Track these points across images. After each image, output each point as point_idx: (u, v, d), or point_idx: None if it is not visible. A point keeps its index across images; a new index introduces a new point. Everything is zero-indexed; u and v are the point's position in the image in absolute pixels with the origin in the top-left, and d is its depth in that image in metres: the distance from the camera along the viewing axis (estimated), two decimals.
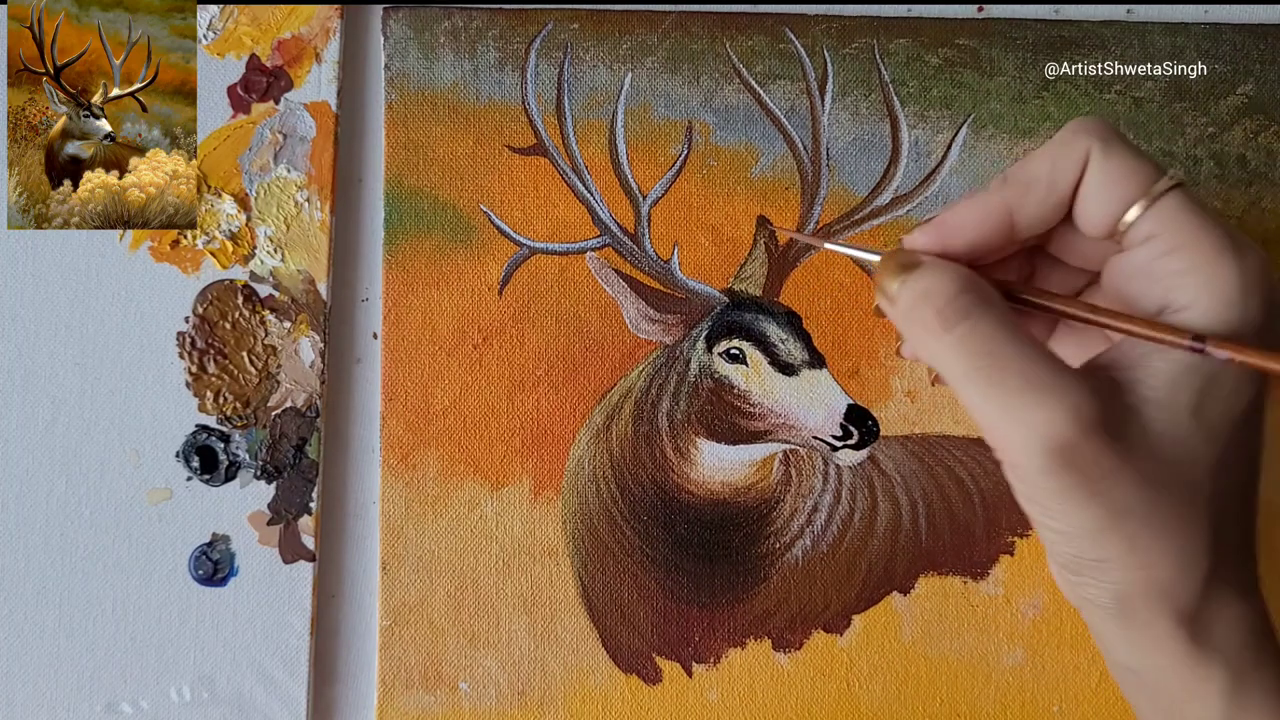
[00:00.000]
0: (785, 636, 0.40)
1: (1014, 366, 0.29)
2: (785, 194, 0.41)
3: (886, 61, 0.41)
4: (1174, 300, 0.30)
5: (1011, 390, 0.29)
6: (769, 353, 0.40)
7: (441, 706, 0.40)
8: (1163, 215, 0.30)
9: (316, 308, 0.41)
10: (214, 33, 0.41)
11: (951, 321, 0.30)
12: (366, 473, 0.41)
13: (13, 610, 0.40)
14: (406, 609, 0.40)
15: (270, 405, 0.41)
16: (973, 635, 0.40)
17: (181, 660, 0.40)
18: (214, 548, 0.40)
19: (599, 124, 0.41)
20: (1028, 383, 0.29)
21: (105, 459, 0.40)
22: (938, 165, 0.41)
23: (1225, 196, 0.41)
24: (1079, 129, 0.31)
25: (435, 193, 0.41)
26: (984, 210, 0.32)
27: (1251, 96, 0.41)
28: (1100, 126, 0.31)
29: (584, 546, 0.40)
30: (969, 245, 0.32)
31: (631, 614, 0.40)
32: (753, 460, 0.41)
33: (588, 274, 0.41)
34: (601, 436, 0.41)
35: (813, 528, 0.40)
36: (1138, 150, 0.31)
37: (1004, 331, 0.30)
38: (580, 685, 0.40)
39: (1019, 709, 0.40)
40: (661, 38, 0.41)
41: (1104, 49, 0.41)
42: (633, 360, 0.41)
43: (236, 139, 0.41)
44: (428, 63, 0.41)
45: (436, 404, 0.41)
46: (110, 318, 0.41)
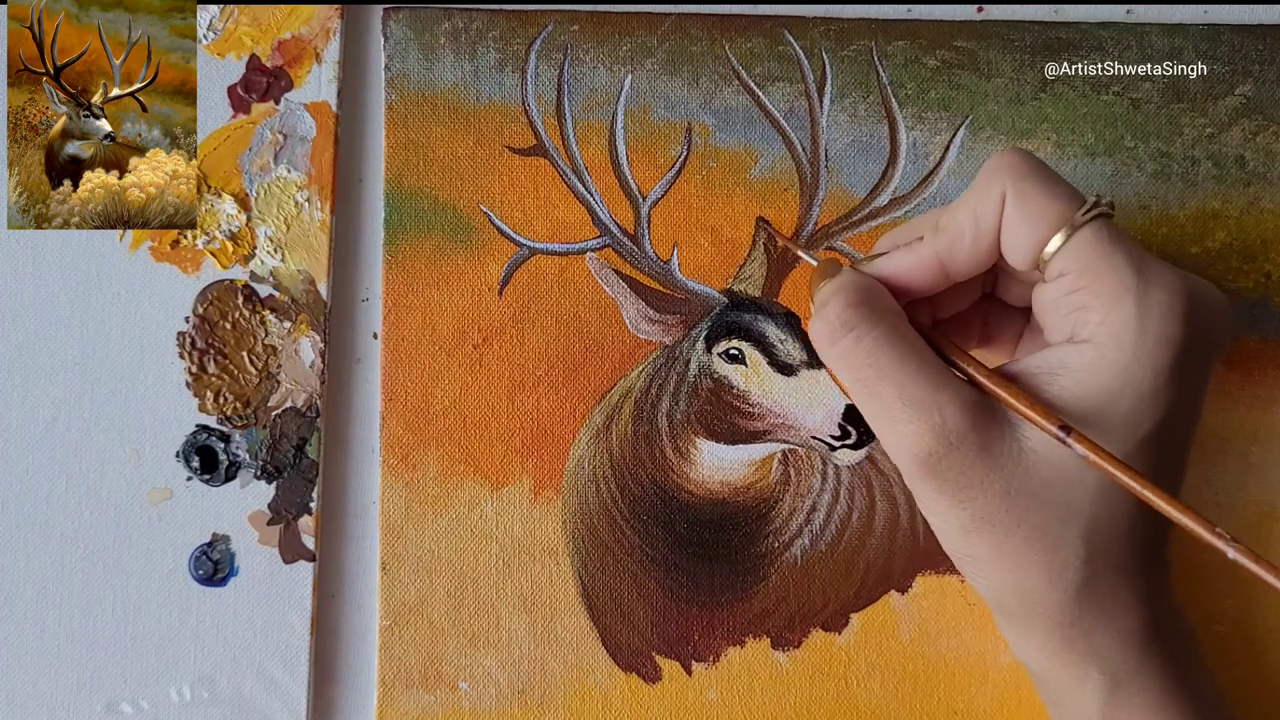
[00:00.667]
0: (784, 635, 0.40)
1: (891, 380, 0.31)
2: (784, 195, 0.41)
3: (885, 63, 0.41)
4: (1076, 334, 0.31)
5: (888, 402, 0.32)
6: (768, 353, 0.40)
7: (441, 706, 0.40)
8: (1076, 250, 0.30)
9: (316, 308, 0.41)
10: (214, 33, 0.41)
11: (839, 334, 0.32)
12: (366, 473, 0.41)
13: (13, 610, 0.40)
14: (406, 609, 0.40)
15: (270, 405, 0.41)
16: (970, 634, 0.40)
17: (181, 660, 0.40)
18: (214, 548, 0.40)
19: (599, 125, 0.41)
20: (901, 396, 0.31)
21: (105, 459, 0.40)
22: (936, 167, 0.41)
23: (1224, 197, 0.41)
24: (993, 170, 0.32)
25: (435, 193, 0.41)
26: (916, 261, 0.33)
27: (1250, 97, 0.41)
28: (1014, 164, 0.32)
29: (584, 546, 0.40)
30: (905, 291, 0.34)
31: (631, 613, 0.40)
32: (752, 460, 0.41)
33: (588, 274, 0.41)
34: (601, 436, 0.41)
35: (811, 527, 0.41)
36: (1055, 181, 0.31)
37: (887, 345, 0.32)
38: (580, 684, 0.40)
39: (1016, 707, 0.40)
40: (661, 39, 0.41)
41: (1102, 50, 0.41)
42: (632, 360, 0.41)
43: (236, 139, 0.41)
44: (428, 63, 0.41)
45: (436, 404, 0.41)
46: (110, 318, 0.41)
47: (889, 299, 0.33)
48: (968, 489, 0.31)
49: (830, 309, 0.33)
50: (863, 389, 0.32)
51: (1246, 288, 0.41)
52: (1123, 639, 0.32)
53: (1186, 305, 0.30)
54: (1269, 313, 0.41)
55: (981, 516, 0.31)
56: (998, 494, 0.31)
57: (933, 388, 0.31)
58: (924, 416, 0.31)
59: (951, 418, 0.31)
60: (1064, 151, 0.41)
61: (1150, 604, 0.32)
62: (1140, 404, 0.30)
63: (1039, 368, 0.31)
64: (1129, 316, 0.30)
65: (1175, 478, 0.33)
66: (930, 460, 0.31)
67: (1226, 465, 0.41)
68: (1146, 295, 0.30)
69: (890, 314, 0.33)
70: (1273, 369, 0.41)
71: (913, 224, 0.36)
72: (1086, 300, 0.30)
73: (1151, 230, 0.41)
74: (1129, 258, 0.30)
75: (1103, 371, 0.30)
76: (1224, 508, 0.40)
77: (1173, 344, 0.30)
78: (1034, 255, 0.31)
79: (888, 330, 0.32)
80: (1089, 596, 0.31)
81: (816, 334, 0.33)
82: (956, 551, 0.33)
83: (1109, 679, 0.32)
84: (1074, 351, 0.31)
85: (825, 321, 0.33)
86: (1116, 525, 0.31)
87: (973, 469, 0.31)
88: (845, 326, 0.32)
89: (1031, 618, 0.32)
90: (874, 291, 0.33)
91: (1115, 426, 0.30)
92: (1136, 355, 0.30)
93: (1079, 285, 0.31)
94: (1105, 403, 0.30)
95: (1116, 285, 0.30)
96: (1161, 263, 0.31)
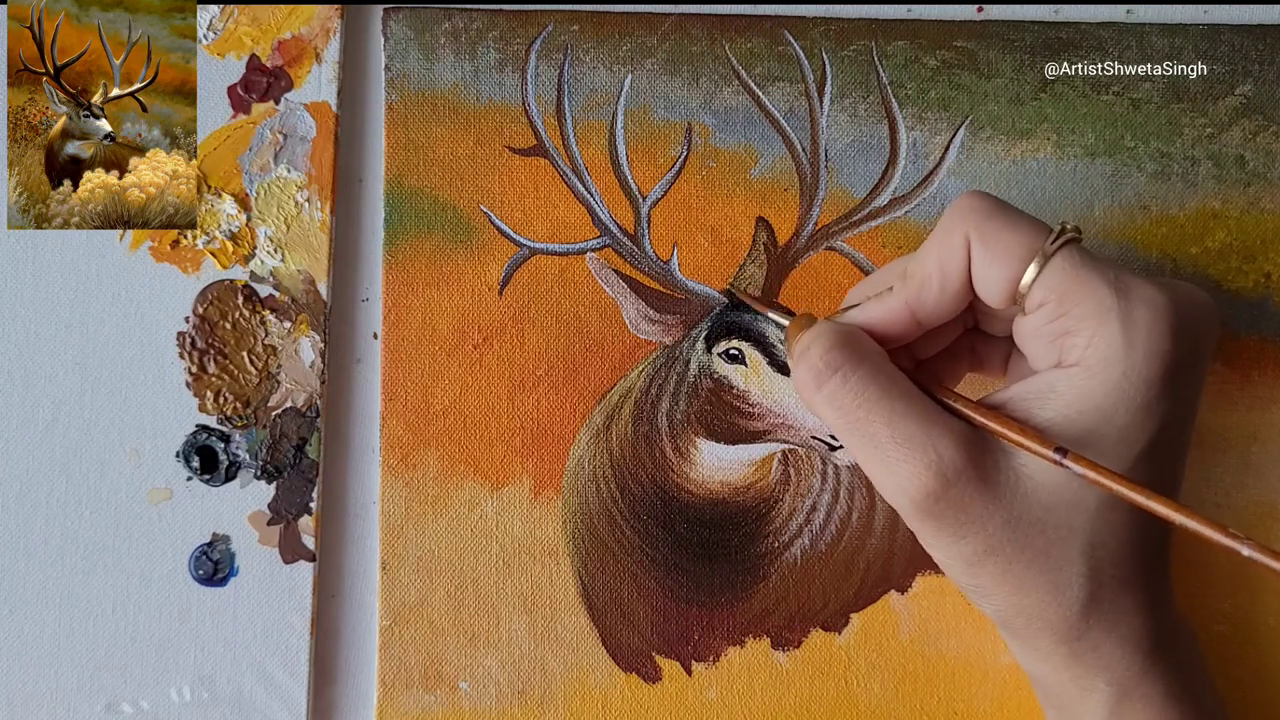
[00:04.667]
0: (784, 635, 0.40)
1: (882, 419, 0.31)
2: (784, 195, 0.41)
3: (885, 64, 0.41)
4: (1064, 359, 0.31)
5: (880, 443, 0.31)
6: (768, 353, 0.40)
7: (441, 706, 0.40)
8: (1051, 279, 0.30)
9: (316, 308, 0.41)
10: (214, 33, 0.41)
11: (823, 377, 0.32)
12: (366, 473, 0.41)
13: (13, 610, 0.40)
14: (406, 609, 0.40)
15: (270, 405, 0.41)
16: (970, 633, 0.40)
17: (181, 660, 0.40)
18: (214, 548, 0.40)
19: (599, 125, 0.41)
20: (893, 436, 0.31)
21: (105, 459, 0.40)
22: (936, 167, 0.41)
23: (1224, 197, 0.41)
24: (954, 215, 0.32)
25: (435, 193, 0.41)
26: (886, 311, 0.33)
27: (1250, 97, 0.41)
28: (975, 206, 0.31)
29: (584, 546, 0.40)
30: (881, 340, 0.33)
31: (631, 613, 0.40)
32: (752, 460, 0.41)
33: (588, 274, 0.41)
34: (601, 436, 0.41)
35: (811, 527, 0.41)
36: (1017, 216, 0.31)
37: (875, 385, 0.31)
38: (580, 684, 0.40)
39: (1015, 706, 0.40)
40: (661, 39, 0.41)
41: (1102, 50, 0.41)
42: (632, 360, 0.41)
43: (236, 139, 0.41)
44: (428, 64, 0.41)
45: (436, 404, 0.41)
46: (110, 318, 0.41)
47: (869, 341, 0.33)
48: (968, 523, 0.31)
49: (813, 353, 0.32)
50: (854, 431, 0.32)
51: (1246, 288, 0.41)
52: (1129, 649, 0.32)
53: (1171, 317, 0.30)
54: (1269, 313, 0.41)
55: (985, 549, 0.31)
56: (999, 524, 0.31)
57: (925, 423, 0.31)
58: (919, 454, 0.31)
59: (947, 453, 0.30)
60: (1064, 151, 0.41)
61: (1154, 612, 0.32)
62: (1134, 419, 0.30)
63: (1028, 394, 0.31)
64: (1114, 334, 0.30)
65: (1174, 485, 0.33)
66: (930, 499, 0.31)
67: (1226, 465, 0.41)
68: (1130, 312, 0.30)
69: (873, 354, 0.32)
70: (1273, 369, 0.41)
71: (881, 273, 0.36)
72: (1069, 325, 0.30)
73: (1151, 230, 0.41)
74: (1105, 279, 0.30)
75: (1094, 392, 0.30)
76: (1224, 508, 0.40)
77: (1161, 356, 0.30)
78: (1009, 291, 0.31)
79: (872, 369, 0.32)
80: (1094, 611, 0.31)
81: (801, 381, 0.33)
82: (961, 582, 0.33)
83: (1116, 688, 0.32)
84: (1063, 375, 0.31)
85: (809, 365, 0.32)
86: (1118, 539, 0.31)
87: (972, 503, 0.31)
88: (830, 368, 0.32)
89: (1038, 634, 0.32)
90: (854, 334, 0.33)
91: (1111, 444, 0.30)
92: (1126, 372, 0.30)
93: (1060, 312, 0.31)
94: (1099, 422, 0.30)
95: (1098, 306, 0.30)
96: (1138, 278, 0.31)
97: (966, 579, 0.32)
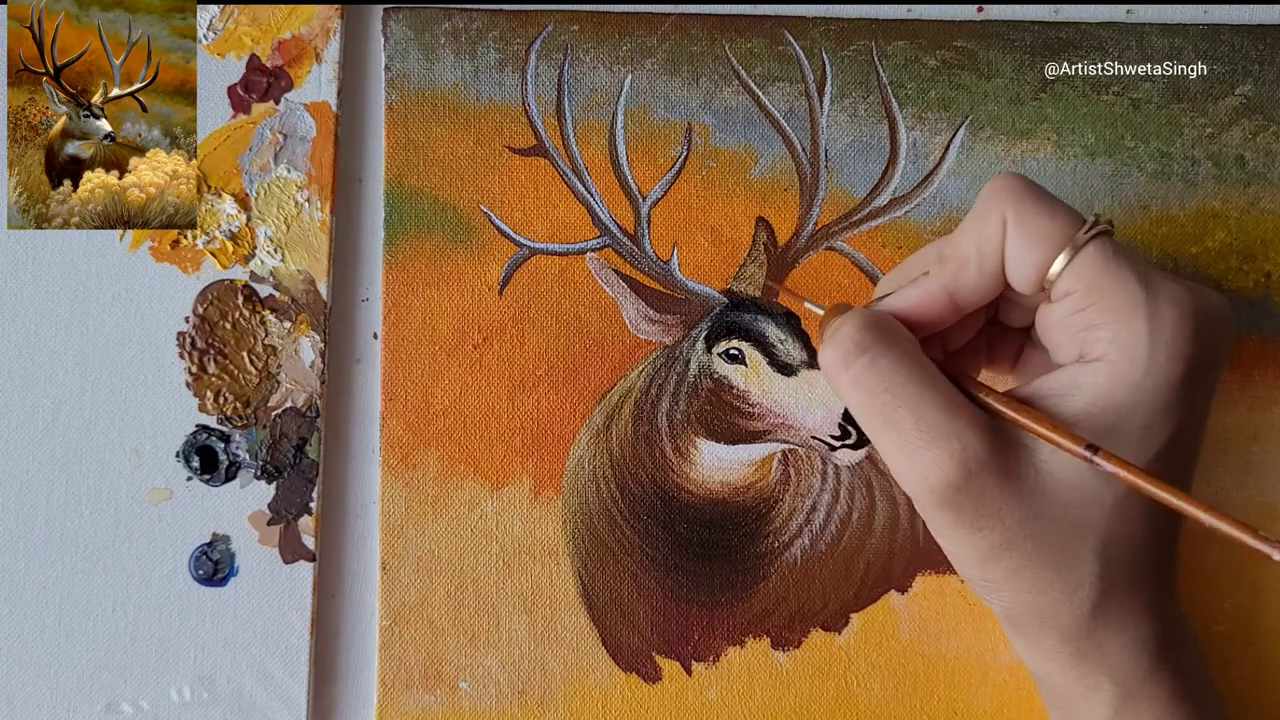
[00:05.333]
0: (784, 635, 0.40)
1: (908, 405, 0.31)
2: (784, 195, 0.41)
3: (885, 63, 0.41)
4: (1087, 352, 0.31)
5: (904, 430, 0.31)
6: (768, 353, 0.40)
7: (441, 706, 0.40)
8: (1081, 269, 0.30)
9: (316, 308, 0.41)
10: (214, 33, 0.41)
11: (851, 358, 0.31)
12: (366, 473, 0.41)
13: (13, 610, 0.40)
14: (406, 609, 0.40)
15: (270, 405, 0.41)
16: (970, 633, 0.40)
17: (181, 660, 0.40)
18: (214, 548, 0.40)
19: (599, 125, 0.41)
20: (919, 424, 0.31)
21: (105, 459, 0.40)
22: (936, 167, 0.41)
23: (1224, 197, 0.41)
24: (991, 195, 0.31)
25: (435, 193, 0.41)
26: (924, 295, 0.33)
27: (1250, 97, 0.41)
28: (1012, 188, 0.31)
29: (584, 546, 0.40)
30: (917, 328, 0.33)
31: (631, 613, 0.40)
32: (752, 460, 0.41)
33: (588, 274, 0.41)
34: (601, 436, 0.41)
35: (811, 527, 0.41)
36: (1054, 203, 0.31)
37: (903, 370, 0.31)
38: (580, 684, 0.40)
39: (1015, 706, 0.40)
40: (661, 39, 0.41)
41: (1102, 50, 0.41)
42: (633, 360, 0.41)
43: (236, 139, 0.41)
44: (428, 64, 0.41)
45: (436, 404, 0.41)
46: (110, 318, 0.41)
47: (901, 328, 0.32)
48: (986, 517, 0.31)
49: (842, 333, 0.32)
50: (877, 416, 0.31)
51: (1246, 288, 0.41)
52: (1135, 649, 0.32)
53: (1195, 319, 0.30)
54: (1269, 313, 0.41)
55: (1001, 543, 0.31)
56: (1017, 519, 0.30)
57: (951, 414, 0.31)
58: (943, 444, 0.30)
59: (972, 444, 0.30)
60: (1064, 151, 0.41)
61: (1160, 613, 0.32)
62: (1154, 418, 0.30)
63: (1052, 389, 0.31)
64: (1140, 332, 0.30)
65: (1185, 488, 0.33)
66: (948, 490, 0.30)
67: (1226, 465, 0.41)
68: (1157, 311, 0.30)
69: (905, 340, 0.32)
70: (1273, 369, 0.41)
71: (914, 260, 0.35)
72: (1095, 318, 0.30)
73: (1151, 230, 0.41)
74: (1135, 274, 0.30)
75: (1117, 388, 0.30)
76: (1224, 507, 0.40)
77: (1184, 358, 0.30)
78: (1038, 277, 0.31)
79: (902, 354, 0.31)
80: (1103, 610, 0.31)
81: (828, 360, 0.32)
82: (972, 576, 0.33)
83: (1121, 688, 0.32)
84: (1087, 370, 0.30)
85: (837, 345, 0.32)
86: (1131, 539, 0.31)
87: (992, 496, 0.30)
88: (859, 348, 0.31)
89: (1045, 632, 0.32)
90: (885, 319, 0.32)
91: (1132, 441, 0.30)
92: (1149, 370, 0.30)
93: (1086, 303, 0.30)
94: (1120, 418, 0.30)
95: (1125, 301, 0.30)
96: (1167, 276, 0.31)
97: (979, 573, 0.32)
